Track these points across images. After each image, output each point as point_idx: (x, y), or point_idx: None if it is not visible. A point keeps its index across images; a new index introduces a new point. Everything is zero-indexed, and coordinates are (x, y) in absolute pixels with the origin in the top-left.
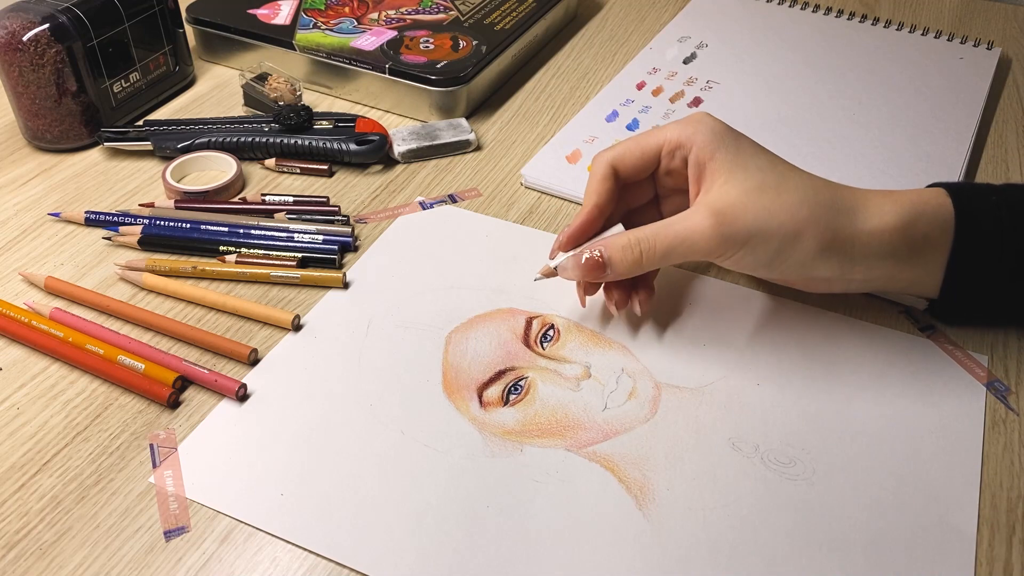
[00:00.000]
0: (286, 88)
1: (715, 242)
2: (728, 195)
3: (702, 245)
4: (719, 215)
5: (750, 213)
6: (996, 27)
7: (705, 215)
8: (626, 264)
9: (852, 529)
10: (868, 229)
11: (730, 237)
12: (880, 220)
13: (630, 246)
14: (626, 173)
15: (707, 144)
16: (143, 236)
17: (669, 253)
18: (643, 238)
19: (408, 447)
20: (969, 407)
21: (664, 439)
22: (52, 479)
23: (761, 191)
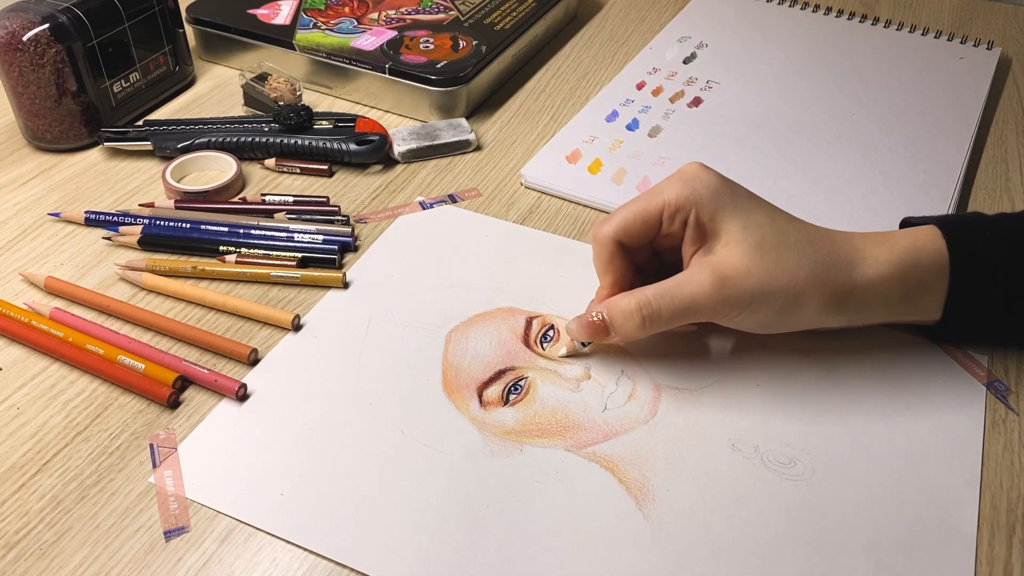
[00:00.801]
0: (286, 88)
1: (719, 306)
2: (730, 257)
3: (707, 308)
4: (722, 279)
5: (753, 277)
6: (996, 27)
7: (708, 278)
8: (630, 329)
9: (852, 529)
10: (865, 281)
11: (734, 301)
12: (876, 270)
13: (632, 312)
14: (631, 243)
15: (707, 204)
16: (143, 236)
17: (674, 317)
18: (646, 303)
19: (408, 447)
20: (969, 407)
21: (664, 440)
22: (52, 479)
23: (762, 251)
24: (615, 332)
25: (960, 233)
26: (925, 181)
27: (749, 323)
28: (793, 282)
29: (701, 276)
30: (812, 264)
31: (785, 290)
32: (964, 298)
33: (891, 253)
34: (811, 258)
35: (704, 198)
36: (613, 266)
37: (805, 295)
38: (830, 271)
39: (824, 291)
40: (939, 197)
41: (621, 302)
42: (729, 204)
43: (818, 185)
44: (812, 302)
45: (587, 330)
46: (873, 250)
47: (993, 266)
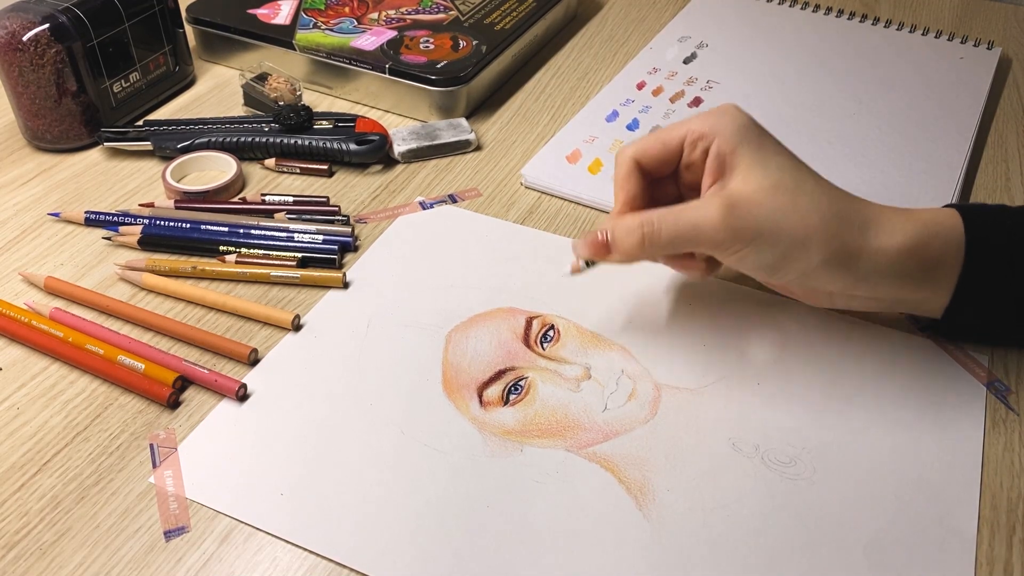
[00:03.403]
0: (286, 88)
1: (722, 234)
2: (743, 190)
3: (708, 235)
4: (731, 207)
5: (762, 211)
6: (996, 27)
7: (717, 205)
8: (629, 245)
9: (852, 529)
10: (877, 246)
11: (738, 231)
12: (891, 238)
13: (633, 229)
14: (650, 166)
15: (730, 137)
16: (143, 236)
17: (675, 239)
18: (648, 221)
19: (408, 447)
20: (969, 407)
21: (664, 440)
22: (52, 479)
23: (776, 191)
24: (616, 249)
25: (980, 216)
26: (925, 181)
27: (751, 262)
28: (802, 226)
29: (710, 203)
30: (825, 214)
31: (792, 232)
32: (976, 283)
33: (909, 224)
34: (825, 208)
35: (728, 130)
36: (628, 184)
37: (812, 242)
38: (842, 226)
39: (832, 243)
40: (939, 197)
41: (626, 219)
42: (753, 142)
43: None
44: (818, 251)
45: (590, 246)
46: (891, 217)
47: (1009, 258)
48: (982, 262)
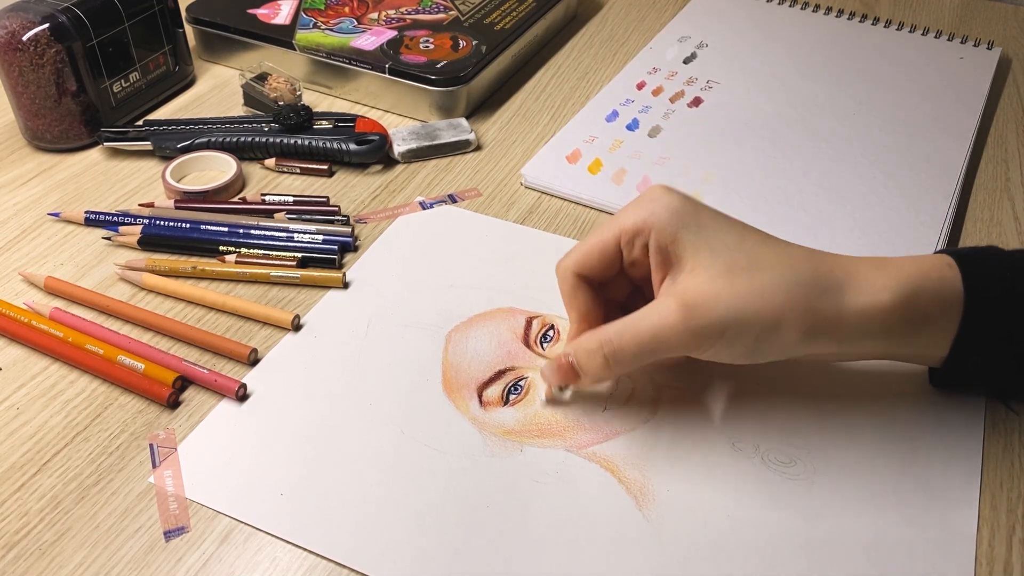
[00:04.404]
0: (286, 88)
1: (687, 338)
2: (696, 284)
3: (673, 342)
4: (688, 308)
5: (722, 303)
6: (996, 27)
7: (673, 309)
8: (594, 369)
9: (852, 529)
10: (858, 308)
11: (702, 331)
12: (872, 297)
13: (594, 351)
14: (593, 275)
15: (666, 226)
16: (143, 236)
17: (639, 354)
18: (607, 341)
19: (408, 447)
20: (969, 407)
21: (664, 440)
22: (52, 479)
23: (732, 275)
24: (583, 374)
25: (976, 264)
26: (925, 181)
27: (727, 355)
28: (768, 307)
29: (664, 306)
30: (791, 286)
31: (760, 316)
32: (977, 335)
33: (891, 279)
34: (789, 280)
35: (663, 220)
36: (576, 301)
37: (784, 321)
38: (813, 294)
39: (806, 317)
40: (939, 197)
41: (584, 341)
42: (692, 225)
43: (818, 185)
44: (793, 329)
45: (558, 373)
46: (869, 274)
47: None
48: (982, 317)
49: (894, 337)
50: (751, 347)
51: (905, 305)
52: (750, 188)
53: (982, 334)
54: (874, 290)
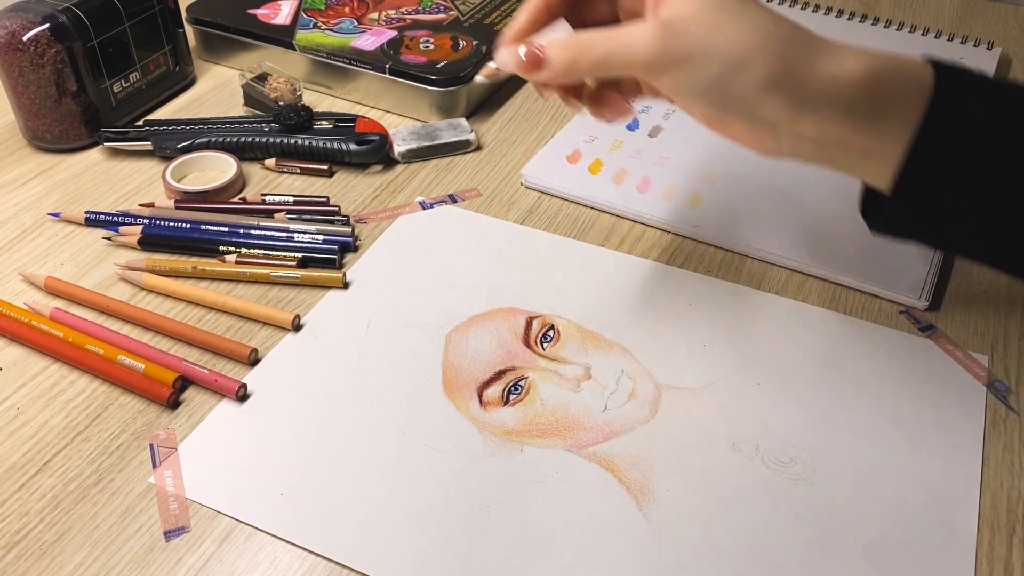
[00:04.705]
0: (286, 88)
1: (653, 52)
2: (680, 8)
3: (640, 54)
4: (666, 26)
5: (699, 29)
6: (996, 27)
7: (652, 25)
8: (561, 62)
9: (852, 529)
10: (826, 71)
11: (670, 50)
12: (842, 66)
13: (568, 45)
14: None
15: None
16: (143, 236)
17: (606, 58)
18: (582, 40)
19: (408, 447)
20: (969, 407)
21: (664, 440)
22: (52, 479)
23: (719, 10)
24: (548, 66)
25: (953, 71)
26: None
27: (685, 85)
28: (740, 43)
29: (646, 23)
30: (769, 32)
31: (729, 50)
32: (935, 144)
33: (865, 55)
34: (770, 26)
35: None
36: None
37: (750, 62)
38: (787, 46)
39: (774, 62)
40: None
41: (560, 36)
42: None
43: (818, 184)
44: (758, 70)
45: (523, 61)
46: (847, 49)
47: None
48: (949, 114)
49: (855, 117)
50: (712, 80)
51: (872, 80)
52: (750, 188)
53: (941, 141)
54: (846, 59)
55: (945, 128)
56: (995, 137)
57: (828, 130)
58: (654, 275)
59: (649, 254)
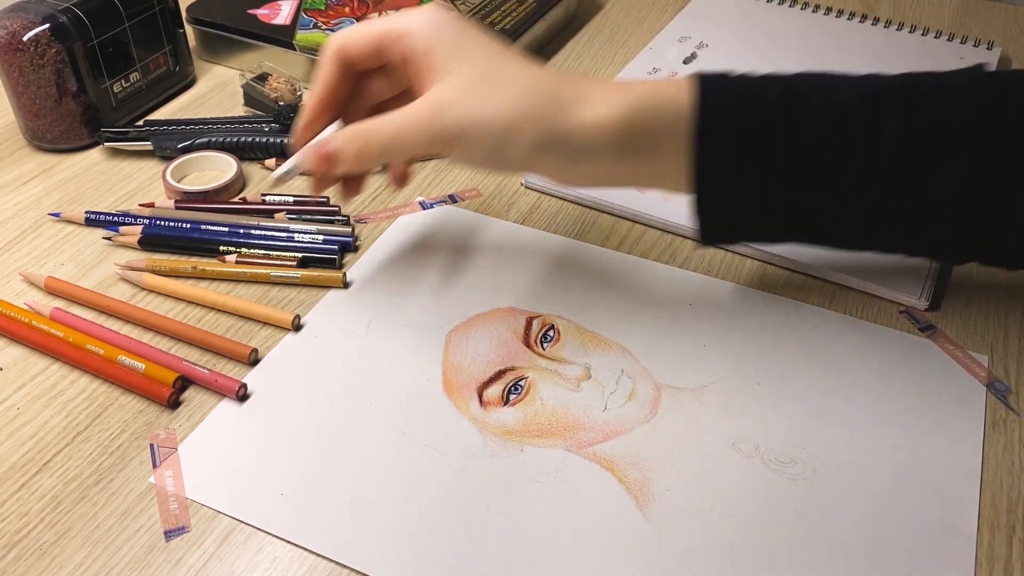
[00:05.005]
0: (286, 88)
1: (427, 135)
2: (445, 89)
3: (417, 139)
4: (434, 109)
5: (463, 108)
6: (996, 27)
7: (422, 108)
8: (351, 155)
9: (852, 529)
10: (586, 122)
11: (443, 131)
12: (599, 112)
13: (354, 138)
14: (354, 57)
15: (428, 35)
16: (143, 236)
17: (389, 145)
18: (366, 130)
19: (408, 447)
20: (969, 407)
21: (664, 439)
22: (52, 479)
23: (479, 84)
24: (340, 161)
25: (719, 84)
26: None
27: (468, 157)
28: (503, 116)
29: (416, 106)
30: (529, 99)
31: (495, 124)
32: (709, 163)
33: (620, 96)
34: (528, 94)
35: (426, 29)
36: (328, 70)
37: (516, 131)
38: (546, 109)
39: (538, 127)
40: None
41: (346, 131)
42: (453, 38)
43: None
44: (524, 138)
45: (318, 161)
46: (603, 92)
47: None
48: (715, 132)
49: (624, 157)
50: (488, 153)
51: (628, 123)
52: None
53: (712, 160)
54: (604, 106)
55: (712, 148)
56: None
57: (608, 170)
58: (654, 275)
59: (649, 254)
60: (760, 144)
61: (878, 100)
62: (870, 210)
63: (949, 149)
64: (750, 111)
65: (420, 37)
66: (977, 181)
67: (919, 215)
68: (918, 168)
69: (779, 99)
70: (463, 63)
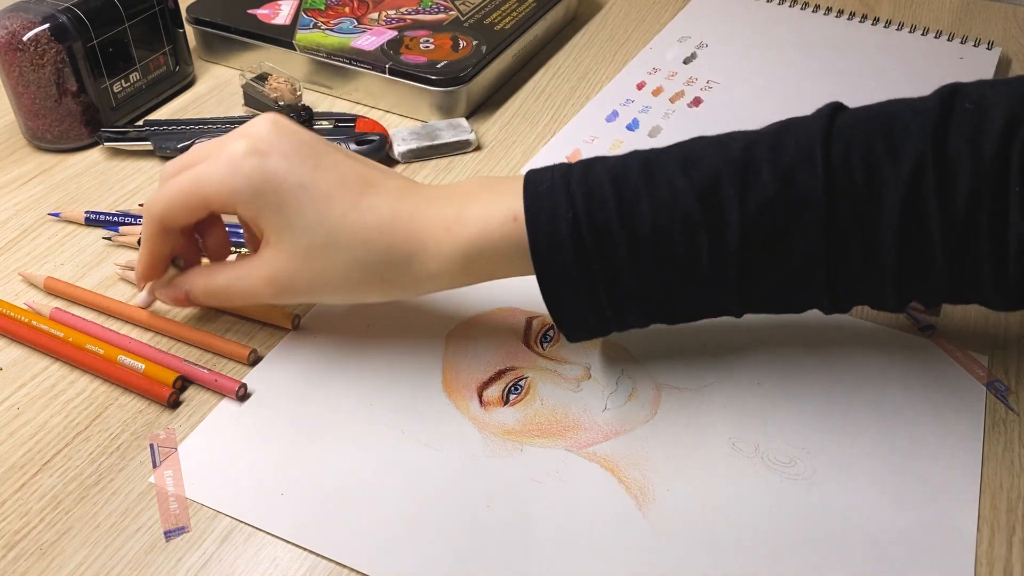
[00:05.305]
0: (286, 88)
1: (274, 299)
2: (279, 262)
3: (263, 296)
4: (274, 283)
5: (303, 282)
6: (996, 27)
7: (263, 279)
8: (202, 302)
9: (852, 529)
10: (425, 275)
11: (290, 299)
12: (435, 265)
13: (206, 293)
14: (180, 226)
15: (249, 205)
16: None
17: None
18: (217, 289)
19: (408, 447)
20: (969, 407)
21: (664, 440)
22: (52, 479)
23: (311, 255)
24: (194, 302)
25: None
26: None
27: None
28: (346, 282)
29: (257, 274)
30: (364, 265)
31: (340, 289)
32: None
33: (456, 245)
34: (363, 259)
35: (245, 198)
36: (154, 245)
37: (361, 291)
38: (385, 269)
39: (381, 286)
40: None
41: (199, 282)
42: (273, 204)
43: None
44: (372, 295)
45: (175, 300)
46: (437, 242)
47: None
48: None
49: (472, 279)
50: (343, 303)
51: (466, 269)
52: None
53: (557, 285)
54: (437, 259)
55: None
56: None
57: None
58: None
59: None
60: (602, 262)
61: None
62: (735, 292)
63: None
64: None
65: (246, 204)
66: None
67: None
68: (770, 243)
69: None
70: (291, 232)
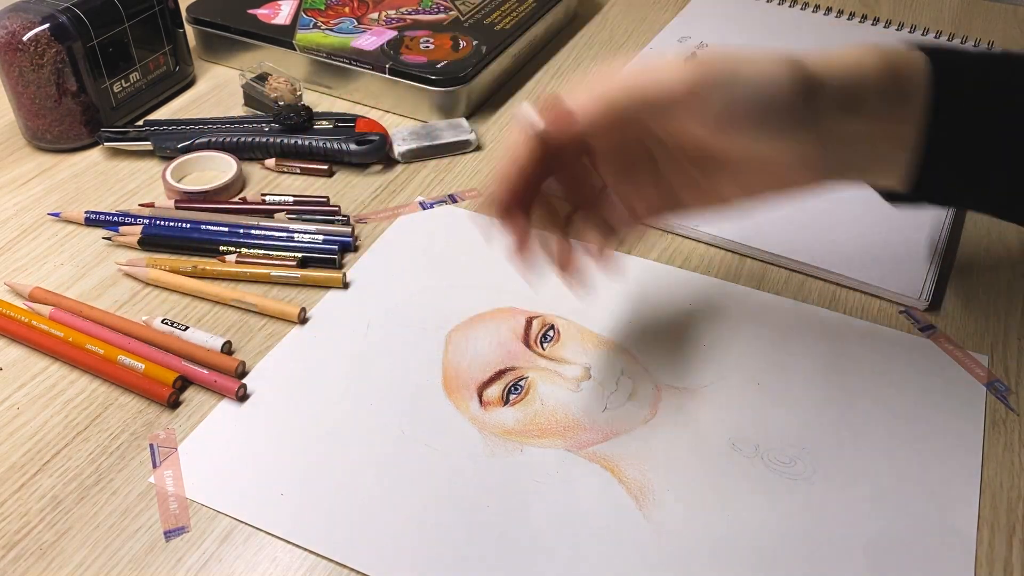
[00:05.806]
0: (286, 88)
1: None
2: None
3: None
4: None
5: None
6: (996, 27)
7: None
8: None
9: (852, 529)
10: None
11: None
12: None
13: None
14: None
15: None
16: (143, 236)
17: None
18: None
19: (408, 447)
20: (969, 407)
21: (664, 440)
22: (52, 479)
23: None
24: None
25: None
26: None
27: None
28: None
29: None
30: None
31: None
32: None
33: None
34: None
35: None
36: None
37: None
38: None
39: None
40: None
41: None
42: None
43: None
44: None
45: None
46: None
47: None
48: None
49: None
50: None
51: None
52: None
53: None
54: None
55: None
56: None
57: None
58: (654, 275)
59: (649, 254)
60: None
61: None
62: None
63: None
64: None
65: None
66: None
67: None
68: None
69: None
70: None
